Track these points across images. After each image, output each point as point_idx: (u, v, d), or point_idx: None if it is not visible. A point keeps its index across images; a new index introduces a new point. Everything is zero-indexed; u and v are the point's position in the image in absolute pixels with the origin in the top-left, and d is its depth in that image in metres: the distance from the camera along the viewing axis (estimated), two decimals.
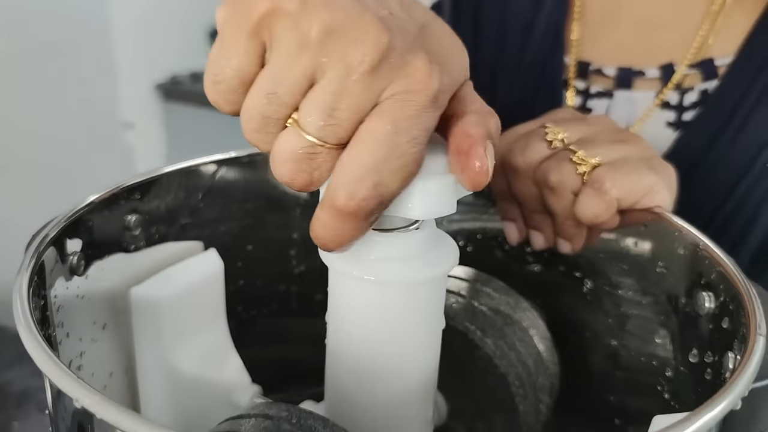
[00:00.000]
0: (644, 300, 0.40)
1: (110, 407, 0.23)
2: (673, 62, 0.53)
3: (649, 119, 0.53)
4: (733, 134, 0.50)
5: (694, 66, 0.52)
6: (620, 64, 0.54)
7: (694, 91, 0.52)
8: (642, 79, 0.53)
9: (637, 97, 0.53)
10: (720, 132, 0.50)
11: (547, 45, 0.55)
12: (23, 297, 0.29)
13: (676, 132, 0.52)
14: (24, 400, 0.72)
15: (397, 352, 0.34)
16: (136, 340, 0.41)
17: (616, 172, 0.38)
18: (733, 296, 0.32)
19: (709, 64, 0.52)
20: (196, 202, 0.44)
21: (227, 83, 0.27)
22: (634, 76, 0.53)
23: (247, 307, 0.48)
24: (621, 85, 0.54)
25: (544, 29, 0.55)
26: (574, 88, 0.55)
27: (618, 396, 0.44)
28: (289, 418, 0.31)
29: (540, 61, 0.55)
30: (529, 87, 0.55)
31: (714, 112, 0.51)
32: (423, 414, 0.37)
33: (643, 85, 0.53)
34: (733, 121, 0.50)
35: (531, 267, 0.46)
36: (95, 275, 0.38)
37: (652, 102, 0.53)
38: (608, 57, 0.54)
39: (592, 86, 0.55)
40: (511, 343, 0.42)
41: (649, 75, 0.53)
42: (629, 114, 0.53)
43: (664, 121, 0.53)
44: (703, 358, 0.34)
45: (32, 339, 0.27)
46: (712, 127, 0.51)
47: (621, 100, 0.54)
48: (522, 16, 0.55)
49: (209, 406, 0.41)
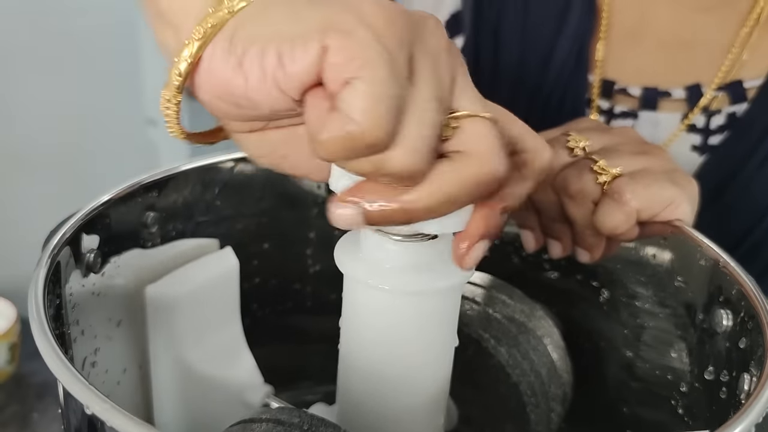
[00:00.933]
0: (661, 313, 0.40)
1: (119, 415, 0.23)
2: (700, 83, 0.51)
3: (674, 142, 0.52)
4: (762, 159, 0.49)
5: (721, 88, 0.51)
6: (645, 84, 0.52)
7: (721, 114, 0.51)
8: (668, 100, 0.52)
9: (661, 118, 0.52)
10: (748, 157, 0.49)
11: (571, 63, 0.53)
12: (38, 296, 0.29)
13: (702, 156, 0.51)
14: (44, 392, 0.73)
15: (410, 360, 0.34)
16: (150, 337, 0.41)
17: (636, 183, 0.37)
18: (751, 316, 0.31)
19: (738, 87, 0.50)
20: (213, 200, 0.44)
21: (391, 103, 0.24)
22: (660, 97, 0.52)
23: (261, 305, 0.48)
24: (646, 106, 0.52)
25: (569, 46, 0.53)
26: (597, 108, 0.54)
27: (630, 407, 0.43)
28: (300, 425, 0.31)
29: (563, 79, 0.54)
30: (552, 105, 0.54)
31: (742, 137, 0.49)
32: (434, 422, 0.36)
33: (669, 106, 0.52)
34: (763, 146, 0.48)
35: (548, 274, 0.46)
36: (111, 272, 0.39)
37: (678, 125, 0.52)
38: (633, 76, 0.53)
39: (617, 106, 0.53)
40: (525, 352, 0.41)
41: (675, 96, 0.52)
42: (654, 135, 0.52)
43: (689, 145, 0.51)
44: (719, 377, 0.34)
45: (44, 340, 0.27)
46: (740, 152, 0.49)
47: (645, 120, 0.52)
48: (546, 33, 0.54)
49: (221, 404, 0.41)
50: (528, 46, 0.55)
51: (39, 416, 0.70)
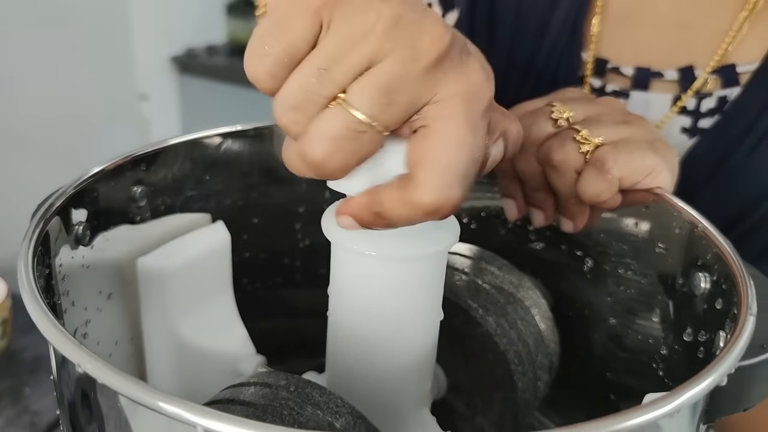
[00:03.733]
0: (643, 279, 0.40)
1: (111, 372, 0.24)
2: (693, 66, 0.51)
3: (665, 124, 0.52)
4: (754, 144, 0.48)
5: (714, 71, 0.50)
6: (638, 63, 0.52)
7: (712, 98, 0.50)
8: (660, 81, 0.52)
9: (653, 99, 0.52)
10: (739, 142, 0.49)
11: (564, 39, 0.53)
12: (28, 265, 0.30)
13: (692, 139, 0.51)
14: (36, 366, 0.73)
15: (396, 325, 0.35)
16: (143, 310, 0.41)
17: (618, 152, 0.38)
18: (726, 276, 0.32)
19: (731, 71, 0.50)
20: (202, 175, 0.45)
21: (275, 57, 0.27)
22: (652, 78, 0.52)
23: (251, 279, 0.49)
24: (638, 86, 0.53)
25: (562, 24, 0.53)
26: (589, 85, 0.54)
27: (614, 373, 0.44)
28: (287, 386, 0.32)
29: (556, 56, 0.54)
30: (544, 82, 0.54)
31: (733, 121, 0.49)
32: (421, 386, 0.37)
33: (661, 87, 0.52)
34: (755, 131, 0.48)
35: (533, 245, 0.47)
36: (101, 245, 0.39)
37: (669, 106, 0.52)
38: (627, 56, 0.53)
39: (609, 85, 0.54)
40: (513, 322, 0.42)
41: (667, 77, 0.52)
42: (644, 116, 0.52)
43: (679, 127, 0.51)
44: (697, 337, 0.35)
45: (35, 305, 0.27)
46: (731, 137, 0.49)
47: (637, 100, 0.52)
48: (540, 7, 0.54)
49: (215, 375, 0.41)
50: (522, 20, 0.55)
51: (31, 390, 0.71)
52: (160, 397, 0.23)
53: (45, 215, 0.33)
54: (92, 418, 0.28)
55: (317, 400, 0.31)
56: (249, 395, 0.32)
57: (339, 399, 0.31)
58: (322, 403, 0.31)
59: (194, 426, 0.23)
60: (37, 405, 0.69)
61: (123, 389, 0.24)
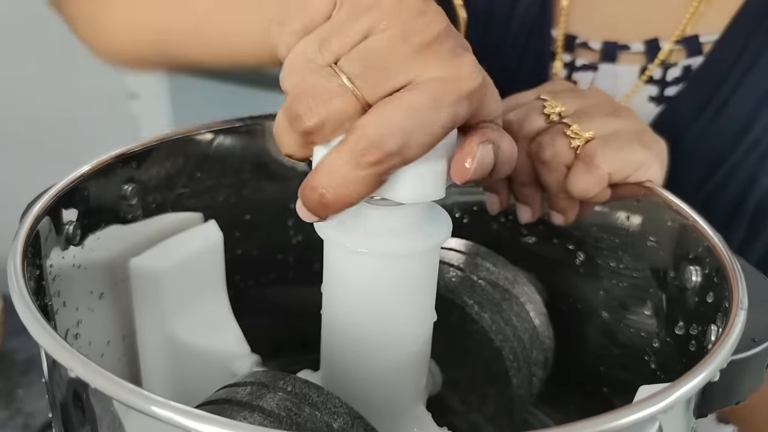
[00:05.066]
0: (635, 273, 0.40)
1: (103, 377, 0.24)
2: (658, 37, 0.53)
3: (634, 93, 0.53)
4: (717, 109, 0.50)
5: (679, 42, 0.52)
6: (606, 38, 0.54)
7: (677, 67, 0.52)
8: (627, 53, 0.54)
9: (621, 70, 0.54)
10: (703, 106, 0.51)
11: (534, 15, 0.55)
12: (17, 266, 0.30)
13: (659, 107, 0.53)
14: (29, 368, 0.73)
15: (390, 322, 0.35)
16: (136, 310, 0.41)
17: (607, 146, 0.38)
18: (717, 270, 0.32)
19: (694, 41, 0.52)
20: (193, 172, 0.45)
21: (293, 27, 0.29)
22: (619, 50, 0.54)
23: (244, 277, 0.49)
24: (606, 59, 0.54)
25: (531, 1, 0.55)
26: (561, 61, 0.55)
27: (607, 366, 0.44)
28: (284, 387, 0.32)
29: (526, 32, 0.55)
30: (515, 55, 0.56)
31: (697, 87, 0.51)
32: (416, 383, 0.37)
33: (628, 59, 0.54)
34: (717, 97, 0.50)
35: (525, 239, 0.47)
36: (91, 245, 0.39)
37: (637, 77, 0.54)
38: (595, 31, 0.54)
39: (578, 59, 0.55)
40: (508, 318, 0.42)
41: (633, 49, 0.54)
42: (613, 87, 0.54)
43: (646, 96, 0.53)
44: (689, 331, 0.35)
45: (25, 308, 0.27)
46: (696, 102, 0.51)
47: (605, 73, 0.54)
48: None
49: (209, 374, 0.41)
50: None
51: (24, 392, 0.71)
52: (153, 401, 0.23)
53: (36, 214, 0.33)
54: (85, 421, 0.28)
55: (315, 400, 0.31)
56: (246, 394, 0.32)
57: (337, 399, 0.31)
58: (319, 403, 0.31)
59: (188, 430, 0.23)
60: (30, 406, 0.69)
61: (116, 393, 0.24)
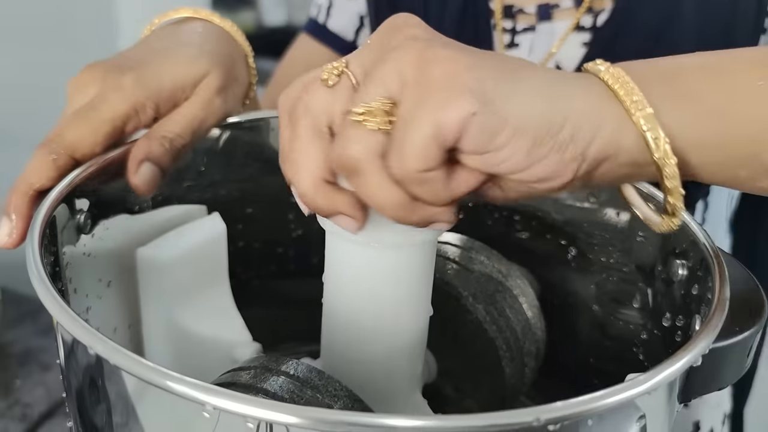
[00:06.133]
0: (624, 267, 0.42)
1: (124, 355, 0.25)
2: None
3: (566, 43, 0.57)
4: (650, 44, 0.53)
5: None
6: (538, 1, 0.58)
7: (605, 12, 0.55)
8: (559, 10, 0.57)
9: (557, 27, 0.57)
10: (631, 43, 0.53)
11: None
12: (35, 251, 0.31)
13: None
14: (26, 359, 0.74)
15: (388, 310, 0.36)
16: (141, 298, 0.43)
17: None
18: (701, 263, 0.34)
19: None
20: (198, 165, 0.46)
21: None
22: (551, 9, 0.57)
23: (245, 268, 0.50)
24: (542, 19, 0.57)
25: None
26: (502, 29, 0.58)
27: (597, 358, 0.46)
28: (287, 370, 0.33)
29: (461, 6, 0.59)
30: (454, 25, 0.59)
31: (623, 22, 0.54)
32: (412, 370, 0.39)
33: (561, 15, 0.57)
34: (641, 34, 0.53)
35: (519, 234, 0.48)
36: (101, 234, 0.40)
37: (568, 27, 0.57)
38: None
39: (518, 24, 0.58)
40: (501, 310, 0.44)
41: (563, 5, 0.57)
42: (551, 42, 0.57)
43: (580, 42, 0.56)
44: (675, 322, 0.36)
45: (45, 290, 0.29)
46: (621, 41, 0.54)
47: (543, 32, 0.57)
48: None
49: (212, 361, 0.42)
50: None
51: (22, 382, 0.71)
52: (169, 377, 0.24)
53: (50, 203, 0.34)
54: (100, 401, 0.30)
55: (316, 383, 0.33)
56: (249, 378, 0.33)
57: (337, 383, 0.33)
58: (321, 386, 0.33)
59: (203, 404, 0.24)
60: (28, 397, 0.70)
61: (135, 370, 0.25)
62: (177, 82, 0.42)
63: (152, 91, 0.41)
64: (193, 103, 0.42)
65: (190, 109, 0.42)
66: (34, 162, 0.37)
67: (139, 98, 0.40)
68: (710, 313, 0.29)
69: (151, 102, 0.41)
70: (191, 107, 0.42)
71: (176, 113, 0.42)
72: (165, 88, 0.41)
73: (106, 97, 0.40)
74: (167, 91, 0.41)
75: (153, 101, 0.41)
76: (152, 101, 0.41)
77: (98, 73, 0.41)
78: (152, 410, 0.29)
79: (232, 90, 0.45)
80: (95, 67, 0.41)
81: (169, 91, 0.41)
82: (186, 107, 0.42)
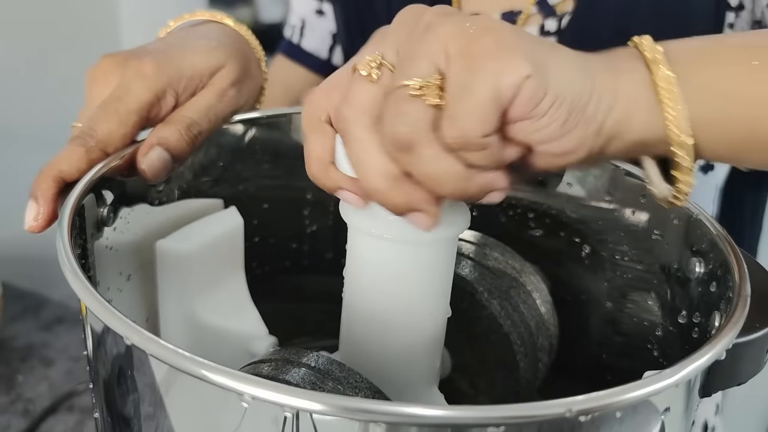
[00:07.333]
0: (639, 265, 0.42)
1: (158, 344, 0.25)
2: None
3: None
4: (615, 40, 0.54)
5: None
6: (502, 9, 0.57)
7: (568, 14, 0.55)
8: (522, 16, 0.57)
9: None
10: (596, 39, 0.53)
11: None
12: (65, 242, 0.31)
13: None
14: (28, 354, 0.74)
15: (409, 306, 0.36)
16: (160, 291, 0.43)
17: None
18: (721, 262, 0.34)
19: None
20: (216, 161, 0.46)
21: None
22: (516, 16, 0.57)
23: (261, 263, 0.51)
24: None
25: None
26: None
27: (610, 354, 0.46)
28: (308, 362, 0.34)
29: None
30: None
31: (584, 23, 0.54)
32: (430, 365, 0.39)
33: (525, 20, 0.57)
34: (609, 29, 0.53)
35: (533, 232, 0.49)
36: (121, 227, 0.41)
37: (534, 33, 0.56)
38: (491, 5, 0.58)
39: None
40: (515, 305, 0.44)
41: (528, 11, 0.56)
42: None
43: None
44: (692, 319, 0.37)
45: (79, 282, 0.29)
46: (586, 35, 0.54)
47: None
48: None
49: (228, 353, 0.43)
50: None
51: (24, 378, 0.71)
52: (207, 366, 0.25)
53: (78, 194, 0.35)
54: (129, 391, 0.30)
55: (338, 375, 0.33)
56: (270, 370, 0.33)
57: (358, 375, 0.33)
58: (342, 378, 0.33)
59: (241, 394, 0.24)
60: (30, 392, 0.70)
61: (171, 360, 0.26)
62: (195, 71, 0.42)
63: (172, 78, 0.41)
64: (209, 92, 0.43)
65: (206, 97, 0.42)
66: (66, 152, 0.38)
67: (160, 85, 0.40)
68: (732, 308, 0.30)
69: (171, 89, 0.41)
70: (207, 96, 0.43)
71: (192, 101, 0.42)
72: (184, 76, 0.42)
73: (130, 87, 0.40)
74: (186, 78, 0.42)
75: (173, 89, 0.41)
76: (173, 89, 0.41)
77: (118, 61, 0.41)
78: (180, 399, 0.29)
79: (246, 84, 0.45)
80: (114, 56, 0.41)
81: (187, 79, 0.42)
82: (202, 95, 0.42)
